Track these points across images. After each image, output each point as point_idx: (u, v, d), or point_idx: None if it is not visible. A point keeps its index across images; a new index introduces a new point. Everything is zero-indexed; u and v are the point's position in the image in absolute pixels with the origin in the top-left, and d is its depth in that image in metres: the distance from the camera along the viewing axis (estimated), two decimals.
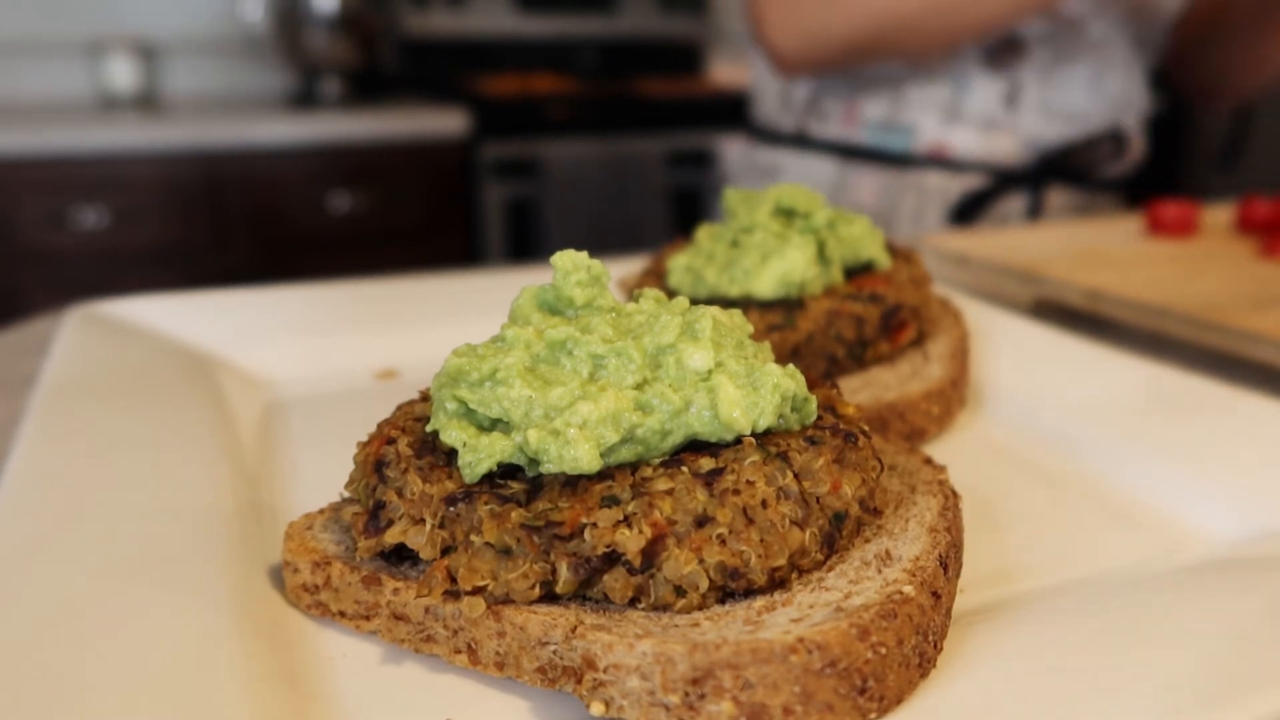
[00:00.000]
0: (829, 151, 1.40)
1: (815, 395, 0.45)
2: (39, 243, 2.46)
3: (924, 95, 1.33)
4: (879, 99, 1.35)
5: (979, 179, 1.33)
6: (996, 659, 0.38)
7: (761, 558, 0.38)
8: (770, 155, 1.48)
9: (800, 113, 1.43)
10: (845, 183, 1.40)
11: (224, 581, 0.43)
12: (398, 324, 0.78)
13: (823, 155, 1.41)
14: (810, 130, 1.42)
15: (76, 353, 0.68)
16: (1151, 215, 1.09)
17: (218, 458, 0.55)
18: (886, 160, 1.36)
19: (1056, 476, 0.58)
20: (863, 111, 1.37)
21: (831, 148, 1.40)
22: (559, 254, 0.46)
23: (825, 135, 1.41)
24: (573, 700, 0.38)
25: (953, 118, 1.32)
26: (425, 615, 0.40)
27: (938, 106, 1.33)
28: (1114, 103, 1.34)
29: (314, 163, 2.64)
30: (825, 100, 1.40)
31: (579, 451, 0.39)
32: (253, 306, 0.79)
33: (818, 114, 1.41)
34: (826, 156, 1.41)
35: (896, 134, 1.35)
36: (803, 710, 0.34)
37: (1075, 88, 1.32)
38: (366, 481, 0.43)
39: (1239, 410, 0.61)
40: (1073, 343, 0.73)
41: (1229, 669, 0.37)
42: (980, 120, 1.32)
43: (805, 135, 1.43)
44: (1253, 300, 0.83)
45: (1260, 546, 0.49)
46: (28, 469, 0.51)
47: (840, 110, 1.38)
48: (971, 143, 1.33)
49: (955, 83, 1.31)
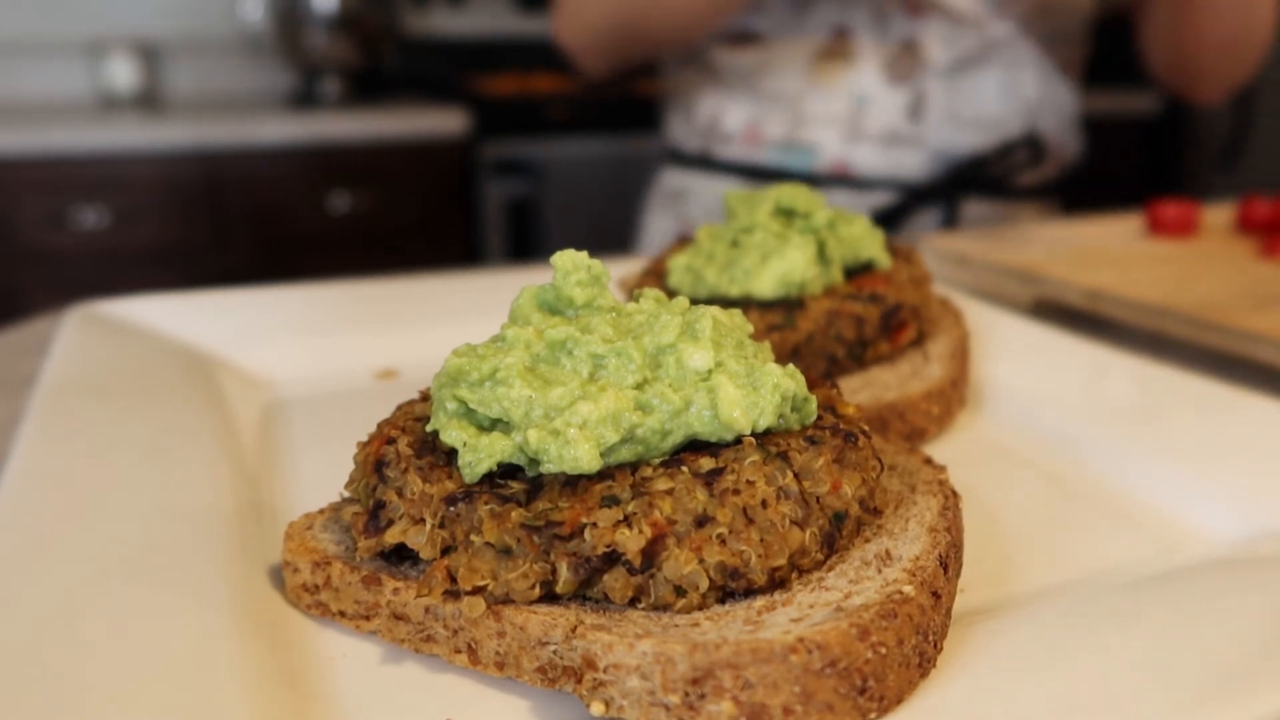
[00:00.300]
0: (734, 173, 1.34)
1: (815, 395, 0.45)
2: (39, 243, 2.46)
3: (823, 111, 1.27)
4: (778, 117, 1.30)
5: (888, 196, 1.27)
6: (996, 659, 0.38)
7: (761, 557, 0.38)
8: (680, 177, 1.42)
9: (703, 133, 1.37)
10: None
11: (224, 581, 0.43)
12: (398, 324, 0.78)
13: (728, 177, 1.35)
14: (714, 151, 1.36)
15: (76, 353, 0.68)
16: (1151, 215, 1.09)
17: (218, 458, 0.55)
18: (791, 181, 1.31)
19: (1056, 476, 0.58)
20: (764, 131, 1.31)
21: (736, 169, 1.33)
22: (559, 254, 0.46)
23: (729, 156, 1.34)
24: (573, 700, 0.38)
25: (854, 134, 1.27)
26: (425, 615, 0.40)
27: (838, 123, 1.27)
28: (1029, 107, 1.29)
29: (314, 163, 2.64)
30: (726, 119, 1.34)
31: (579, 451, 0.39)
32: (253, 306, 0.79)
33: (719, 134, 1.35)
34: (732, 178, 1.34)
35: (798, 154, 1.29)
36: (803, 710, 0.34)
37: (984, 94, 1.26)
38: (366, 481, 0.43)
39: (1239, 410, 0.61)
40: (1073, 343, 0.73)
41: (1229, 669, 0.37)
42: (883, 135, 1.26)
43: (709, 157, 1.37)
44: (1253, 300, 0.83)
45: (1260, 546, 0.49)
46: (28, 469, 0.51)
47: (741, 130, 1.33)
48: (875, 159, 1.27)
49: (855, 97, 1.26)
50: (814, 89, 1.28)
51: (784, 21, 1.27)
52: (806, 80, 1.28)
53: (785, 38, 1.27)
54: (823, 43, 1.26)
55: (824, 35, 1.26)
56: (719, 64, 1.33)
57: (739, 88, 1.32)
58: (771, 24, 1.27)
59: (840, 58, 1.26)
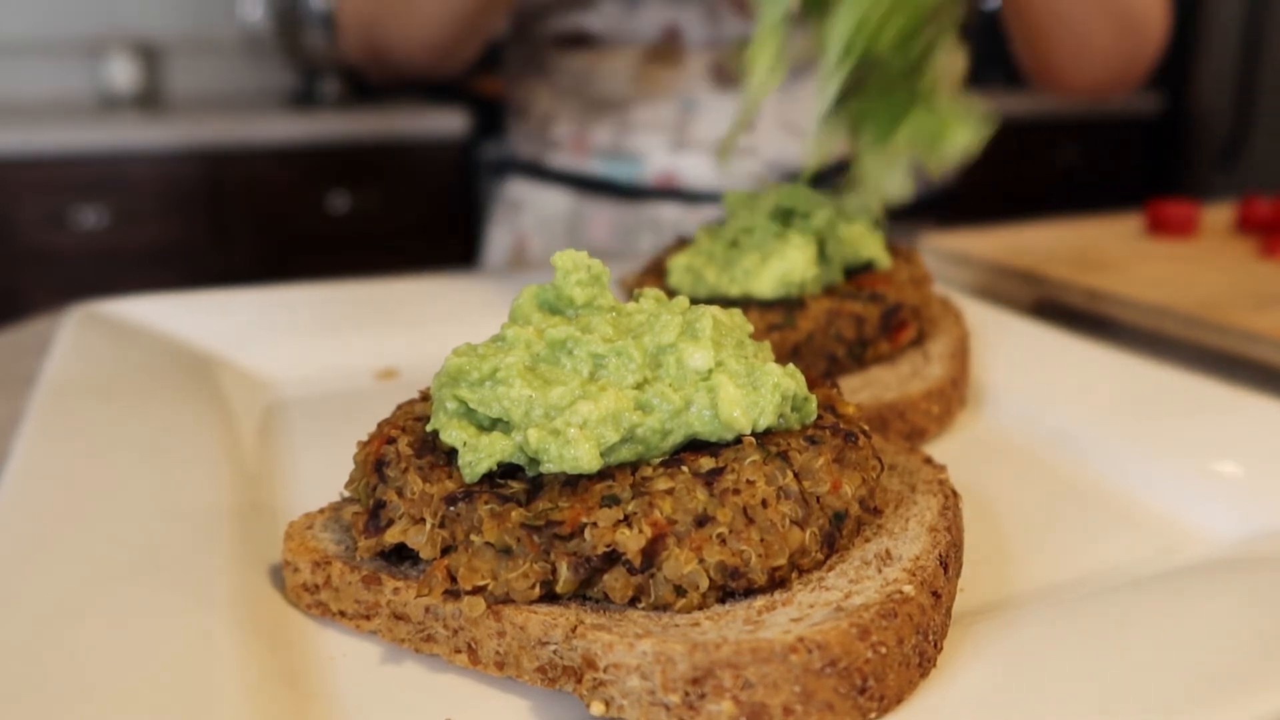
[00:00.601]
0: (563, 183, 1.27)
1: (815, 395, 0.45)
2: (39, 243, 2.46)
3: (650, 119, 1.20)
4: (605, 124, 1.22)
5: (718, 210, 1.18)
6: (996, 659, 0.38)
7: (761, 557, 0.38)
8: (517, 187, 1.35)
9: (534, 139, 1.30)
10: (580, 218, 1.26)
11: (224, 581, 0.43)
12: (398, 324, 0.78)
13: (558, 187, 1.28)
14: (545, 159, 1.29)
15: (76, 353, 0.68)
16: (1151, 215, 1.09)
17: (218, 458, 0.55)
18: (618, 192, 1.23)
19: (1056, 476, 0.58)
20: (591, 138, 1.23)
21: (565, 179, 1.27)
22: (559, 253, 0.46)
23: (558, 165, 1.27)
24: (573, 700, 0.38)
25: (681, 143, 1.19)
26: (425, 615, 0.40)
27: (665, 131, 1.19)
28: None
29: (314, 163, 2.64)
30: (555, 125, 1.27)
31: (579, 451, 0.39)
32: (253, 306, 0.79)
33: (550, 141, 1.28)
34: (561, 188, 1.27)
35: (624, 163, 1.22)
36: (803, 710, 0.34)
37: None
38: (366, 481, 0.43)
39: (1239, 410, 0.61)
40: (1073, 343, 0.73)
41: (1229, 669, 0.37)
42: (712, 145, 1.19)
43: (540, 165, 1.30)
44: (1253, 300, 0.83)
45: (1260, 546, 0.49)
46: (28, 469, 0.51)
47: (570, 137, 1.25)
48: (704, 170, 1.20)
49: (682, 104, 1.18)
50: (641, 94, 1.20)
51: (615, 21, 1.18)
52: (634, 84, 1.20)
53: (615, 38, 1.19)
54: (652, 44, 1.18)
55: (654, 35, 1.17)
56: (551, 66, 1.26)
57: (570, 92, 1.25)
58: (603, 23, 1.19)
59: (669, 60, 1.18)
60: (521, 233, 1.32)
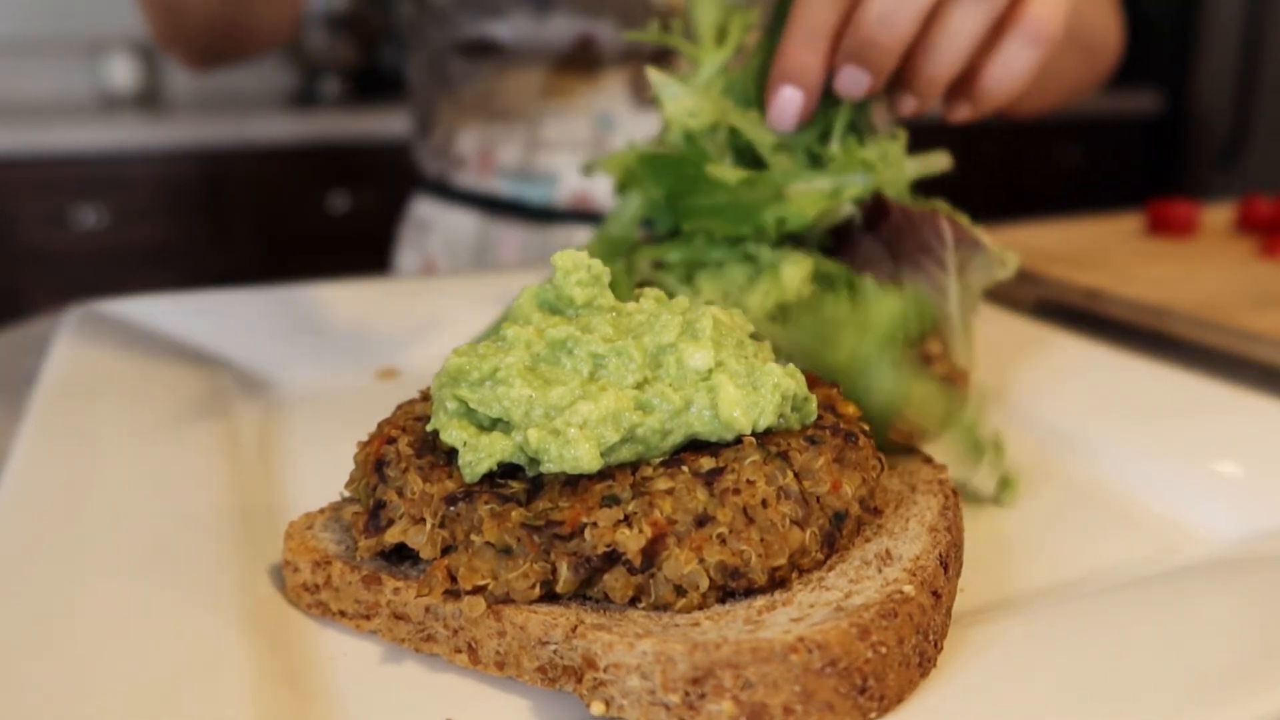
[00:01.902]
0: (470, 203, 1.19)
1: (815, 394, 0.45)
2: (39, 243, 2.46)
3: (563, 136, 1.12)
4: (513, 141, 1.14)
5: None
6: (996, 659, 0.38)
7: (762, 557, 0.38)
8: (423, 205, 1.27)
9: (438, 156, 1.22)
10: (488, 241, 1.18)
11: (224, 581, 0.43)
12: (398, 324, 0.78)
13: (465, 207, 1.20)
14: (450, 178, 1.21)
15: (76, 353, 0.68)
16: (1151, 215, 1.09)
17: (218, 458, 0.55)
18: (528, 214, 1.16)
19: (1056, 476, 0.58)
20: (498, 156, 1.16)
21: (472, 199, 1.19)
22: (559, 253, 0.46)
23: (464, 185, 1.19)
24: (573, 700, 0.38)
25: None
26: (425, 615, 0.40)
27: (579, 149, 1.12)
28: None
29: (314, 163, 2.64)
30: (459, 141, 1.18)
31: (579, 451, 0.39)
32: (253, 306, 0.79)
33: (454, 158, 1.20)
34: (468, 209, 1.19)
35: (536, 183, 1.14)
36: (803, 710, 0.34)
37: None
38: (367, 481, 0.43)
39: (1239, 410, 0.61)
40: (1073, 343, 0.73)
41: (1229, 669, 0.37)
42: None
43: (445, 183, 1.22)
44: (1253, 300, 0.83)
45: (1260, 546, 0.49)
46: (28, 469, 0.51)
47: (475, 154, 1.17)
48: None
49: (598, 120, 1.11)
50: (552, 108, 1.12)
51: (525, 30, 1.09)
52: (544, 97, 1.12)
53: (524, 47, 1.11)
54: (563, 53, 1.10)
55: (566, 45, 1.09)
56: (453, 74, 1.17)
57: (474, 105, 1.16)
58: (511, 31, 1.10)
59: (583, 72, 1.10)
60: (429, 255, 1.26)
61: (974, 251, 0.56)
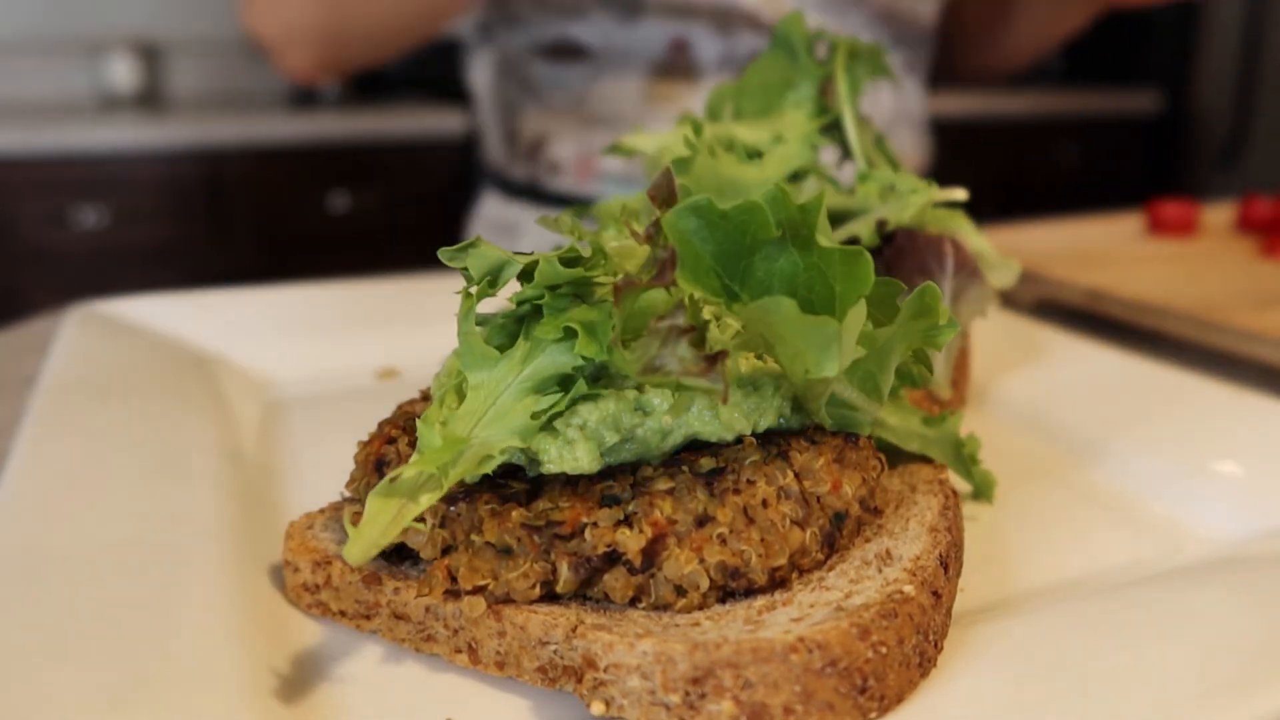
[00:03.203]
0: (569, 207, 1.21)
1: None
2: (39, 243, 2.46)
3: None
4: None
5: None
6: (996, 659, 0.38)
7: (762, 557, 0.38)
8: (507, 208, 1.25)
9: (527, 160, 1.20)
10: None
11: (224, 581, 0.43)
12: (398, 324, 0.78)
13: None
14: (543, 183, 1.19)
15: (76, 353, 0.68)
16: (1151, 215, 1.09)
17: (218, 457, 0.55)
18: None
19: (1057, 476, 0.58)
20: (599, 161, 1.13)
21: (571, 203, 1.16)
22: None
23: (560, 189, 1.18)
24: (573, 700, 0.38)
25: None
26: (426, 615, 0.40)
27: None
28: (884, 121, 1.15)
29: (314, 163, 2.64)
30: (552, 148, 1.17)
31: (579, 451, 0.39)
32: (253, 306, 0.79)
33: (547, 164, 1.18)
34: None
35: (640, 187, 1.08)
36: (803, 709, 0.34)
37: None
38: (367, 481, 0.43)
39: (1239, 410, 0.61)
40: (1073, 343, 0.73)
41: (1229, 669, 0.37)
42: None
43: (538, 188, 1.20)
44: (1253, 300, 0.83)
45: (1260, 546, 0.49)
46: (28, 469, 0.51)
47: (573, 160, 1.16)
48: None
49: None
50: (656, 113, 1.11)
51: (610, 33, 1.10)
52: (644, 104, 1.11)
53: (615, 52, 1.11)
54: (659, 59, 1.10)
55: (660, 50, 1.10)
56: (538, 78, 1.16)
57: (565, 109, 1.15)
58: (596, 34, 1.11)
59: (682, 78, 1.11)
60: None
61: (971, 281, 0.56)
